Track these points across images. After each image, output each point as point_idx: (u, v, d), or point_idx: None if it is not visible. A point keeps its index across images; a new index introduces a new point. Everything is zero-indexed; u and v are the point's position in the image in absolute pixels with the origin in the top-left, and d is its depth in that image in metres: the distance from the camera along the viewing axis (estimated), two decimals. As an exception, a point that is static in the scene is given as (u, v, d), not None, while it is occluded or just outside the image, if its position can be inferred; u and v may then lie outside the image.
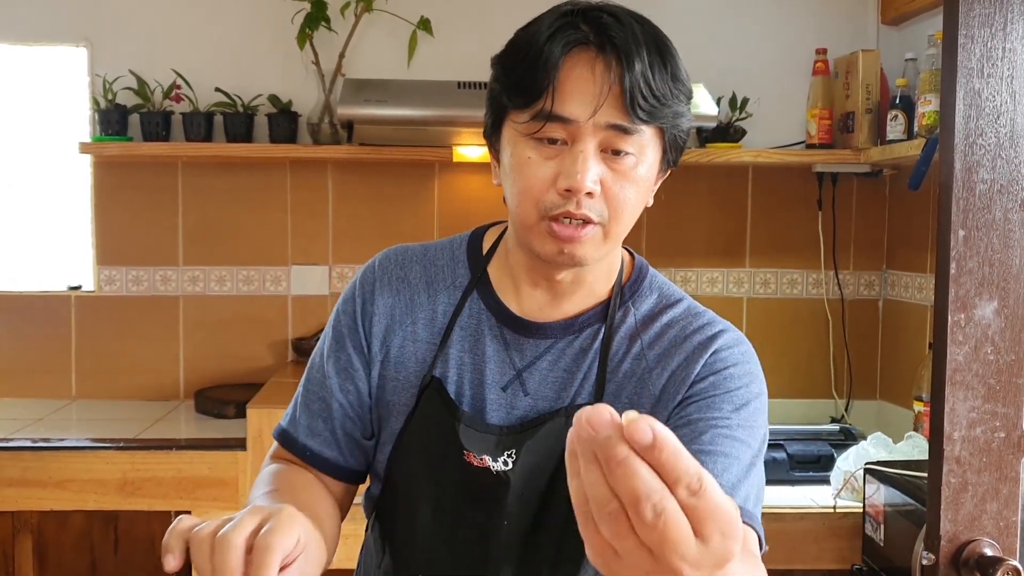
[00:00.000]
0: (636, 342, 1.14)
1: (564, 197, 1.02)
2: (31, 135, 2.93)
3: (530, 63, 1.02)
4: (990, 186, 1.09)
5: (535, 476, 1.09)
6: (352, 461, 1.20)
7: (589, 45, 1.01)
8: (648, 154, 1.05)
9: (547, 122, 1.01)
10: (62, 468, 2.29)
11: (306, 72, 2.79)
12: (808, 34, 2.86)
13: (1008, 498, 1.11)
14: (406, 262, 1.20)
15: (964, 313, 1.09)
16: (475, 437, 1.11)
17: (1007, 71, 1.09)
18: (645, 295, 1.17)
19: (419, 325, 1.16)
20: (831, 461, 2.36)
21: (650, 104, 1.00)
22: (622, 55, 0.99)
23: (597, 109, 1.00)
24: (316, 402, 1.19)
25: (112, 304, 2.86)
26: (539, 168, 1.03)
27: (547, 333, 1.14)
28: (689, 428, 1.06)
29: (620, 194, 1.04)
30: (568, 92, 1.01)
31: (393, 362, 1.16)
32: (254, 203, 2.86)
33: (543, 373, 1.13)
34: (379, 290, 1.18)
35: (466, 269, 1.19)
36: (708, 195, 2.91)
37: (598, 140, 1.02)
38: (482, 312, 1.16)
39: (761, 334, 2.94)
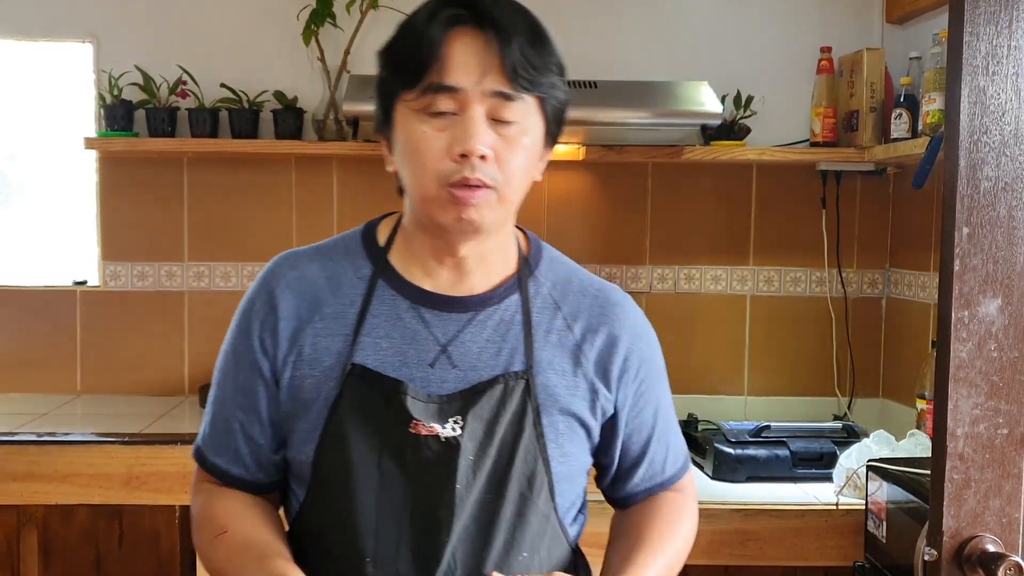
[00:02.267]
0: (558, 314, 1.23)
1: (459, 163, 1.09)
2: (37, 131, 2.94)
3: (415, 43, 1.11)
4: (994, 184, 1.10)
5: (483, 442, 1.15)
6: (260, 476, 1.23)
7: (469, 23, 1.10)
8: (531, 124, 1.14)
9: (436, 94, 1.09)
10: (67, 462, 2.30)
11: (311, 68, 2.79)
12: (813, 32, 2.85)
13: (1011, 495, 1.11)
14: (300, 263, 1.23)
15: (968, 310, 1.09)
16: (420, 408, 1.14)
17: (1012, 69, 1.09)
18: (547, 265, 1.27)
19: (328, 320, 1.18)
20: (834, 458, 2.37)
21: (529, 73, 1.10)
22: (500, 30, 1.09)
23: (482, 76, 1.09)
24: (220, 422, 1.23)
25: (117, 299, 2.86)
26: (434, 140, 1.10)
27: (467, 306, 1.19)
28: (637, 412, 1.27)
29: (511, 160, 1.12)
30: (453, 64, 1.09)
31: (307, 360, 1.17)
32: (259, 199, 2.86)
33: (468, 345, 1.18)
34: (280, 296, 1.20)
35: (365, 260, 1.22)
36: (712, 193, 2.91)
37: (485, 108, 1.10)
38: (395, 297, 1.19)
39: (764, 332, 2.95)
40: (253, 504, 1.22)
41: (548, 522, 1.19)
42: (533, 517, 1.17)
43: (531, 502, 1.16)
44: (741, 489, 2.35)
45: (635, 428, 1.28)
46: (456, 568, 1.13)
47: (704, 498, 2.26)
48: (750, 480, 2.40)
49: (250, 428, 1.21)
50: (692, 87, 2.54)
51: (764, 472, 2.41)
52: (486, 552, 1.14)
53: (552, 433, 1.18)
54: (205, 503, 1.23)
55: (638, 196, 2.91)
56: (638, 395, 1.27)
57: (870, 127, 2.66)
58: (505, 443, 1.15)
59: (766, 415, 2.84)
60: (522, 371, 1.17)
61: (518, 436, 1.16)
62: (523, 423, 1.16)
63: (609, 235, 2.91)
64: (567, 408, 1.19)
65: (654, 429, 1.30)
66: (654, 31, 2.86)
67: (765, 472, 2.41)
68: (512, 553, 1.15)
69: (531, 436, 1.16)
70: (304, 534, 1.21)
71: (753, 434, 2.49)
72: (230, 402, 1.22)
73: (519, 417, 1.16)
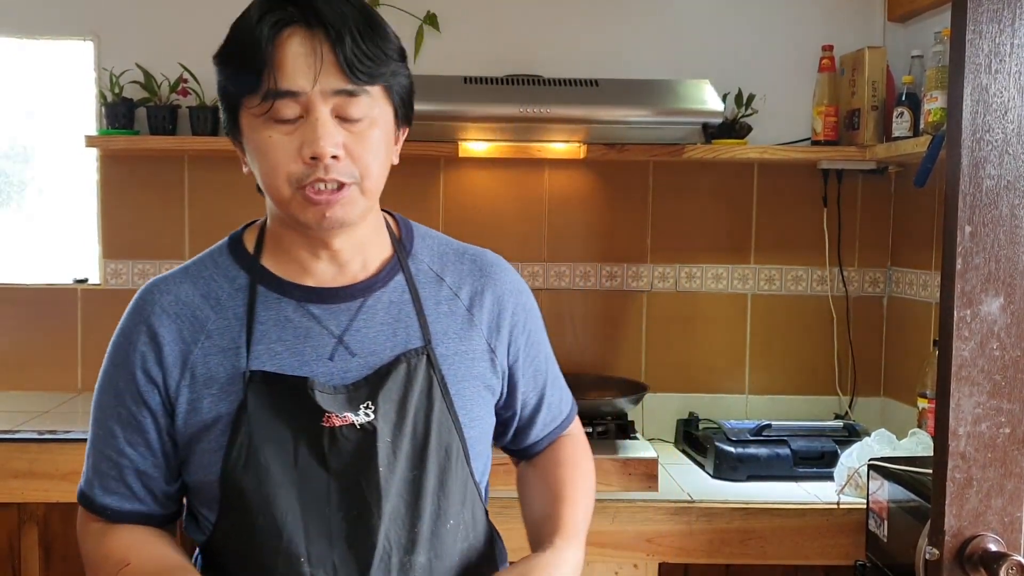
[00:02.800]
0: (443, 285, 1.26)
1: (311, 166, 1.09)
2: (38, 129, 2.94)
3: (245, 49, 1.09)
4: (997, 182, 1.09)
5: (397, 422, 1.16)
6: (157, 508, 1.21)
7: (298, 22, 1.08)
8: (379, 115, 1.13)
9: (276, 100, 1.08)
10: (68, 460, 2.30)
11: (312, 66, 2.79)
12: (814, 31, 2.85)
13: (1013, 494, 1.11)
14: (170, 287, 1.21)
15: (970, 309, 1.09)
16: (327, 400, 1.14)
17: (1015, 67, 1.09)
18: (421, 242, 1.29)
19: (214, 336, 1.17)
20: (835, 457, 2.37)
21: (367, 65, 1.09)
22: (330, 27, 1.07)
23: (317, 76, 1.07)
24: (104, 461, 1.19)
25: (118, 297, 2.86)
26: (281, 144, 1.10)
27: (352, 295, 1.20)
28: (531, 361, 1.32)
29: (364, 155, 1.12)
30: (287, 67, 1.08)
31: (201, 380, 1.16)
32: (260, 198, 2.85)
33: (362, 332, 1.19)
34: (157, 323, 1.17)
35: (239, 270, 1.21)
36: (713, 191, 2.91)
37: (330, 107, 1.09)
38: (279, 300, 1.19)
39: (765, 331, 2.94)
40: (149, 532, 1.20)
41: (467, 487, 1.22)
42: (454, 485, 1.20)
43: (450, 471, 1.19)
44: (742, 488, 2.35)
45: (531, 377, 1.33)
46: (391, 549, 1.15)
47: (705, 497, 2.27)
48: (751, 479, 2.40)
49: (141, 463, 1.18)
50: (693, 85, 2.54)
51: (765, 471, 2.41)
52: (416, 527, 1.17)
53: (460, 400, 1.21)
54: (96, 544, 1.20)
55: (639, 195, 2.91)
56: (529, 345, 1.32)
57: (872, 126, 2.65)
58: (419, 419, 1.18)
59: (767, 414, 2.84)
60: (421, 347, 1.20)
61: (430, 410, 1.18)
62: (432, 396, 1.19)
63: (610, 234, 2.91)
64: (470, 373, 1.23)
65: (547, 374, 1.36)
66: (655, 29, 2.86)
67: (766, 471, 2.41)
68: (440, 523, 1.18)
69: (442, 407, 1.19)
70: (225, 553, 1.18)
71: (754, 433, 2.49)
72: (116, 440, 1.18)
73: (427, 391, 1.18)
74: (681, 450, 2.71)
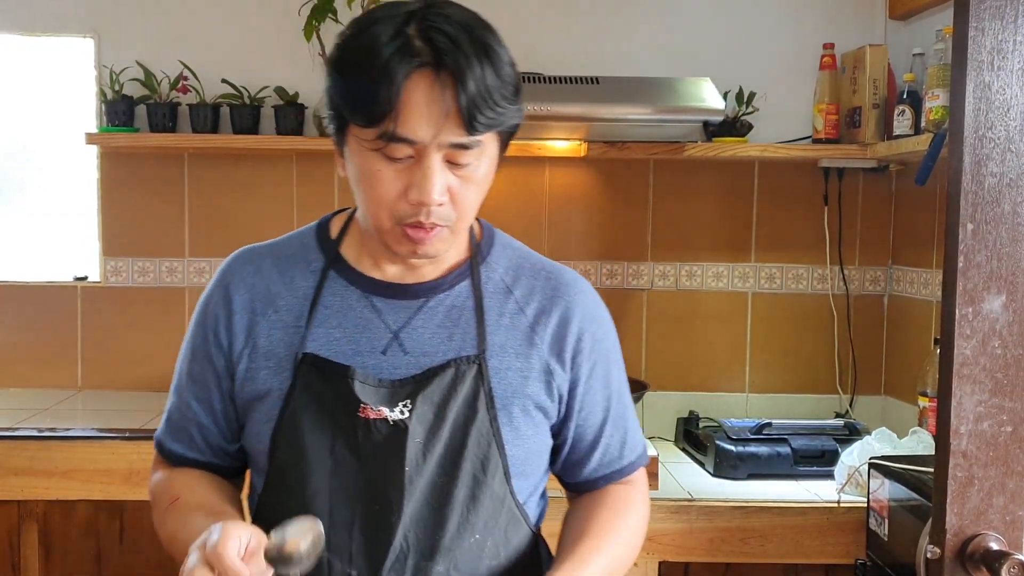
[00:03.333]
0: (510, 298, 1.24)
1: (415, 208, 1.10)
2: (38, 126, 2.94)
3: (371, 83, 1.06)
4: (999, 180, 1.09)
5: (432, 422, 1.16)
6: (216, 460, 1.28)
7: (427, 67, 1.06)
8: (487, 155, 1.14)
9: (392, 142, 1.07)
10: (68, 458, 2.30)
11: (313, 64, 2.78)
12: (815, 28, 2.85)
13: (1015, 492, 1.10)
14: (255, 258, 1.27)
15: (972, 307, 1.09)
16: (370, 392, 1.16)
17: (1018, 64, 1.08)
18: (500, 251, 1.28)
19: (282, 312, 1.22)
20: (835, 456, 2.37)
21: (486, 118, 1.07)
22: (455, 76, 1.05)
23: (440, 129, 1.06)
24: (176, 411, 1.28)
25: (118, 295, 2.86)
26: (389, 181, 1.10)
27: (416, 293, 1.21)
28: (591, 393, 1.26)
29: (466, 198, 1.13)
30: (410, 115, 1.06)
31: (262, 352, 1.21)
32: (260, 195, 2.86)
33: (419, 331, 1.20)
34: (234, 290, 1.24)
35: (318, 253, 1.25)
36: (714, 189, 2.91)
37: (442, 155, 1.09)
38: (346, 288, 1.22)
39: (766, 329, 2.94)
40: (207, 477, 1.26)
41: (503, 505, 1.20)
42: (487, 499, 1.18)
43: (485, 484, 1.17)
44: (742, 486, 2.35)
45: (589, 410, 1.27)
46: (408, 550, 1.15)
47: (705, 495, 2.27)
48: (751, 477, 2.40)
49: (204, 419, 1.25)
50: (694, 83, 2.54)
51: (765, 469, 2.41)
52: (439, 534, 1.16)
53: (506, 416, 1.19)
54: (159, 480, 1.28)
55: (640, 193, 2.90)
56: (591, 376, 1.27)
57: (873, 124, 2.65)
58: (457, 426, 1.17)
59: (768, 412, 2.84)
60: (474, 355, 1.19)
61: (470, 419, 1.17)
62: (475, 406, 1.17)
63: (611, 232, 2.91)
64: (522, 390, 1.21)
65: (608, 412, 1.29)
66: (657, 27, 2.85)
67: (766, 469, 2.41)
68: (464, 535, 1.17)
69: (484, 419, 1.17)
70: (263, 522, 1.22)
71: (754, 431, 2.48)
72: (186, 392, 1.26)
73: (471, 400, 1.17)
74: (681, 448, 2.71)
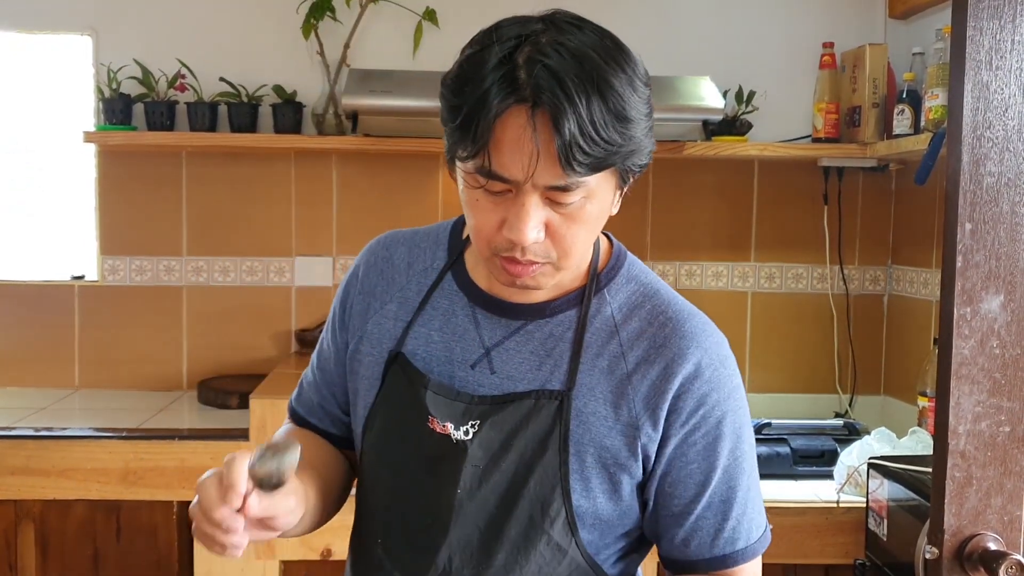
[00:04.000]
0: (614, 338, 1.13)
1: (510, 243, 1.03)
2: (36, 124, 2.93)
3: (468, 116, 0.99)
4: (998, 179, 1.09)
5: (496, 450, 1.10)
6: (334, 430, 1.31)
7: (524, 102, 0.97)
8: (599, 192, 1.04)
9: (488, 179, 1.01)
10: (65, 457, 2.30)
11: (311, 62, 2.78)
12: (815, 27, 2.84)
13: (1013, 493, 1.10)
14: (393, 244, 1.27)
15: (970, 307, 1.08)
16: (442, 404, 1.13)
17: (1016, 63, 1.08)
18: (622, 284, 1.18)
19: (394, 303, 1.22)
20: (835, 456, 2.36)
21: (591, 158, 0.97)
22: (552, 114, 0.96)
23: (533, 172, 0.98)
24: (308, 374, 1.33)
25: (115, 294, 2.86)
26: (487, 212, 1.04)
27: (519, 314, 1.15)
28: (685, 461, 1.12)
29: (567, 235, 1.04)
30: (504, 153, 0.99)
31: (368, 338, 1.22)
32: (258, 194, 2.86)
33: (510, 353, 1.14)
34: (365, 271, 1.25)
35: (445, 252, 1.23)
36: (713, 188, 2.90)
37: (539, 194, 1.01)
38: (456, 292, 1.19)
39: (765, 328, 2.94)
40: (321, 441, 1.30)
41: (566, 555, 1.11)
42: (543, 546, 1.10)
43: (541, 529, 1.10)
44: (741, 486, 2.34)
45: (679, 478, 1.13)
46: (451, 571, 1.11)
47: (704, 495, 2.27)
48: (750, 477, 2.39)
49: (324, 387, 1.29)
50: (694, 82, 2.53)
51: (765, 469, 2.38)
52: (483, 567, 1.11)
53: (577, 463, 1.10)
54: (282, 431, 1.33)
55: (639, 192, 2.90)
56: (690, 442, 1.12)
57: (872, 123, 2.65)
58: (523, 461, 1.10)
59: (767, 412, 2.83)
60: (558, 391, 1.11)
61: (538, 457, 1.09)
62: (547, 444, 1.09)
63: (610, 230, 2.89)
64: (600, 441, 1.11)
65: (705, 488, 1.13)
66: (656, 25, 2.85)
67: (766, 469, 2.39)
68: (512, 574, 1.10)
69: (553, 461, 1.09)
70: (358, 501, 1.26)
71: (754, 431, 2.48)
72: (316, 359, 1.32)
73: (543, 437, 1.10)
74: (680, 448, 2.70)
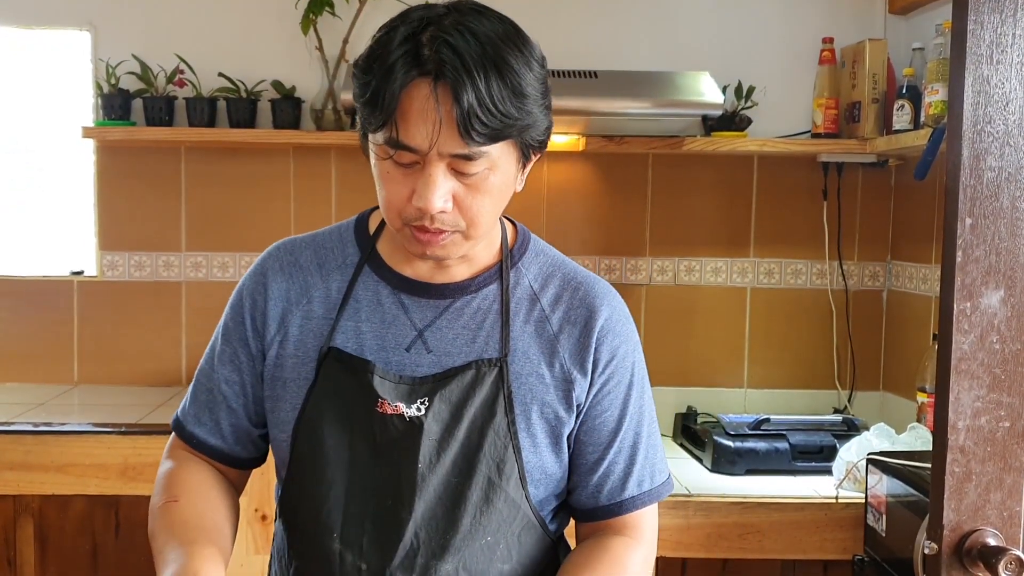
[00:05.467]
0: (536, 305, 1.23)
1: (419, 212, 1.09)
2: (34, 119, 2.92)
3: (376, 89, 1.06)
4: (998, 174, 1.08)
5: (448, 421, 1.17)
6: (238, 449, 1.28)
7: (427, 75, 1.04)
8: (501, 163, 1.11)
9: (395, 148, 1.07)
10: (64, 452, 2.29)
11: (310, 58, 2.77)
12: (815, 23, 2.84)
13: (1012, 488, 1.10)
14: (295, 249, 1.28)
15: (970, 302, 1.08)
16: (389, 388, 1.17)
17: (1017, 57, 1.07)
18: (532, 258, 1.27)
19: (315, 303, 1.23)
20: (833, 451, 2.36)
21: (489, 128, 1.04)
22: (453, 87, 1.03)
23: (435, 140, 1.05)
24: (203, 393, 1.27)
25: (114, 289, 2.85)
26: (397, 184, 1.10)
27: (444, 293, 1.22)
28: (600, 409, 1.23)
29: (473, 205, 1.11)
30: (409, 123, 1.05)
31: (292, 341, 1.22)
32: (257, 189, 2.85)
33: (443, 331, 1.20)
34: (271, 279, 1.25)
35: (355, 248, 1.26)
36: (712, 184, 2.90)
37: (445, 163, 1.08)
38: (378, 283, 1.23)
39: (764, 324, 2.94)
40: (215, 485, 1.24)
41: (519, 510, 1.20)
42: (501, 503, 1.18)
43: (499, 488, 1.17)
44: (740, 482, 2.34)
45: (593, 426, 1.23)
46: (419, 547, 1.16)
47: (703, 491, 2.27)
48: (749, 473, 2.39)
49: (233, 402, 1.25)
50: (693, 77, 2.53)
51: (763, 465, 2.40)
52: (450, 534, 1.16)
53: (523, 422, 1.19)
54: (171, 469, 1.26)
55: (638, 187, 2.90)
56: (604, 391, 1.23)
57: (872, 118, 2.64)
58: (474, 427, 1.17)
59: (766, 408, 2.83)
60: (496, 359, 1.19)
61: (488, 421, 1.17)
62: (494, 408, 1.18)
63: (609, 226, 2.90)
64: (541, 398, 1.20)
65: (616, 434, 1.24)
66: (655, 21, 2.84)
67: (764, 465, 2.40)
68: (476, 536, 1.17)
69: (502, 422, 1.18)
70: (286, 511, 1.25)
71: (752, 427, 2.48)
72: (216, 375, 1.26)
73: (490, 403, 1.18)
74: (679, 444, 2.71)
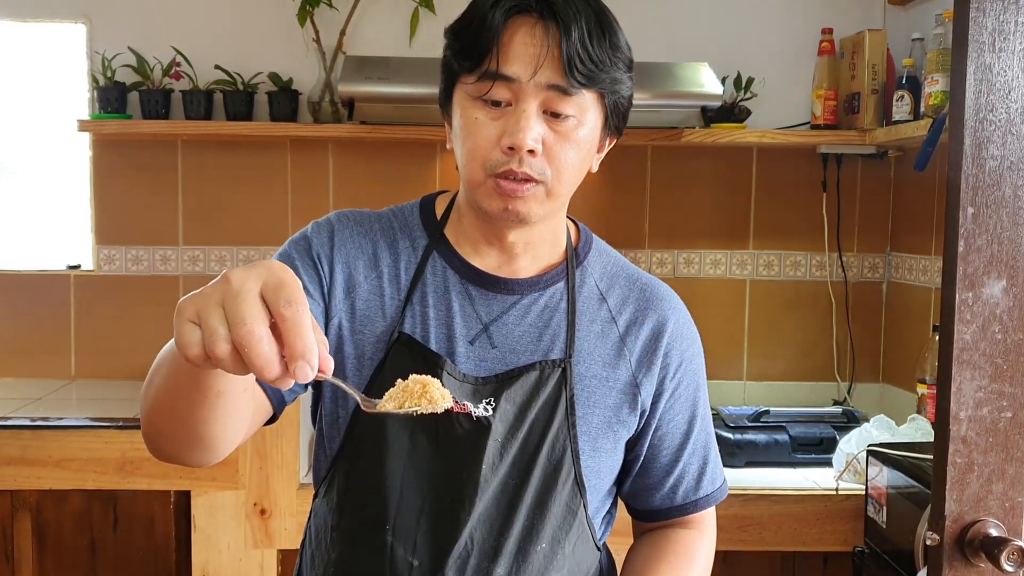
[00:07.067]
0: (603, 305, 1.22)
1: (508, 155, 1.08)
2: (29, 113, 2.91)
3: (476, 28, 1.09)
4: (1000, 163, 1.07)
5: (513, 425, 1.15)
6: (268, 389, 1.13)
7: (531, 11, 1.08)
8: (589, 117, 1.12)
9: (493, 82, 1.08)
10: (61, 447, 2.29)
11: (307, 49, 2.76)
12: (814, 14, 2.83)
13: (1014, 479, 1.09)
14: (364, 220, 1.23)
15: (972, 292, 1.07)
16: (453, 385, 1.14)
17: (1020, 45, 1.06)
18: (596, 257, 1.26)
19: (384, 280, 1.19)
20: (833, 443, 2.36)
21: (588, 68, 1.07)
22: (560, 21, 1.07)
23: (537, 69, 1.06)
24: None
25: (111, 283, 2.84)
26: (486, 128, 1.10)
27: (513, 288, 1.19)
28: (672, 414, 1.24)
29: (561, 154, 1.10)
30: (510, 53, 1.07)
31: (359, 315, 1.18)
32: (254, 182, 2.84)
33: (510, 327, 1.18)
34: (339, 239, 1.19)
35: (422, 232, 1.23)
36: (712, 176, 2.89)
37: (539, 101, 1.08)
38: (446, 270, 1.20)
39: (764, 316, 2.93)
40: None
41: (575, 517, 1.17)
42: (556, 508, 1.15)
43: (555, 491, 1.15)
44: (740, 474, 2.34)
45: (667, 430, 1.24)
46: (472, 548, 1.13)
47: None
48: (749, 465, 2.39)
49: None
50: (692, 68, 2.52)
51: (763, 457, 2.40)
52: (504, 537, 1.13)
53: (585, 425, 1.17)
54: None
55: (637, 179, 2.89)
56: (676, 395, 1.24)
57: (871, 109, 2.63)
58: (535, 429, 1.15)
59: (765, 400, 2.83)
60: (560, 359, 1.17)
61: (548, 423, 1.15)
62: (555, 411, 1.16)
63: (608, 218, 2.89)
64: (604, 401, 1.18)
65: (689, 436, 1.26)
66: (654, 11, 2.83)
67: (764, 457, 2.40)
68: (531, 542, 1.14)
69: (562, 425, 1.16)
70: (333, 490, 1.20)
71: (752, 419, 2.48)
72: None
73: (552, 405, 1.16)
74: (679, 436, 2.70)
